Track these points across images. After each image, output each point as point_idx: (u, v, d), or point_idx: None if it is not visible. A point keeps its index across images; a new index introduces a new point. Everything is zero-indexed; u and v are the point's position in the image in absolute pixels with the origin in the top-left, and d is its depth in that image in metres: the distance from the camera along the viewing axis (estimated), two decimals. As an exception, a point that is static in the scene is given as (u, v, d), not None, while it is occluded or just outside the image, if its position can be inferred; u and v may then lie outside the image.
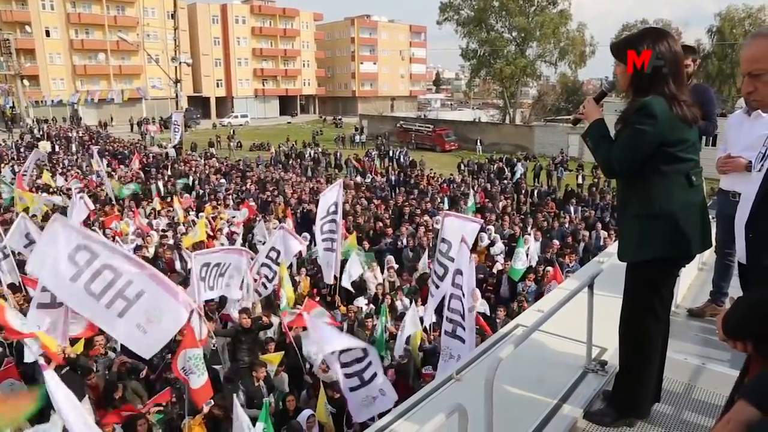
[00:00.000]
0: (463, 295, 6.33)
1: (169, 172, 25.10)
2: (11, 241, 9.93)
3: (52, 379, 4.88)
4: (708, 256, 5.16)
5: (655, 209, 2.62)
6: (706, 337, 4.00)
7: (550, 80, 66.28)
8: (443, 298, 7.02)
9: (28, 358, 6.88)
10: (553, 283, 9.14)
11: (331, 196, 9.90)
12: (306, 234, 12.51)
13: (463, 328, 6.28)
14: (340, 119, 63.21)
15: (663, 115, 2.49)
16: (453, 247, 7.16)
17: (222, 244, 12.53)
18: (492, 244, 12.82)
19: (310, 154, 34.29)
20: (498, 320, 8.32)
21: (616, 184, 2.97)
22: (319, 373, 7.45)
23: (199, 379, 6.21)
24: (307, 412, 6.48)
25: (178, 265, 11.57)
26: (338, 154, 33.55)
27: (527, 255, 11.32)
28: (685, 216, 2.62)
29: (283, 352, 7.81)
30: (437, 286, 7.55)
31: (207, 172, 25.16)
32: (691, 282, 5.13)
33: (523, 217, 16.14)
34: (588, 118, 2.75)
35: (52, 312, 6.78)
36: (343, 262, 10.52)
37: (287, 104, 74.83)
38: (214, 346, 7.94)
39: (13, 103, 48.74)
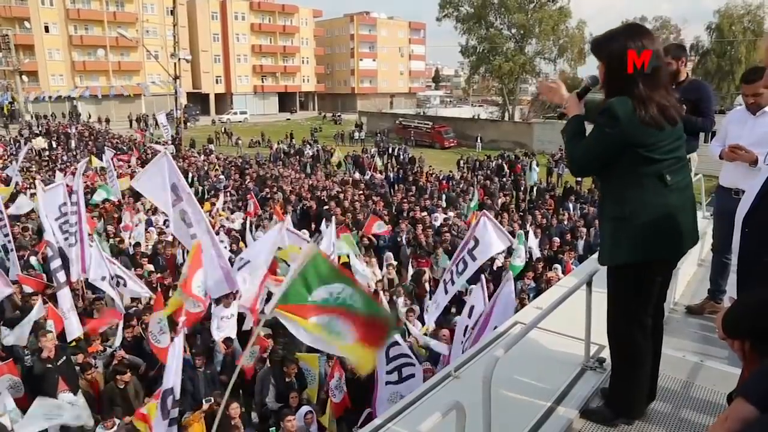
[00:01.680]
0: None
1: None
2: None
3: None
4: (706, 253, 5.16)
5: (625, 212, 2.55)
6: (705, 334, 4.00)
7: (550, 77, 66.30)
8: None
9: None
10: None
11: None
12: (305, 231, 12.51)
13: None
14: (339, 116, 63.14)
15: (626, 117, 2.42)
16: (480, 246, 7.20)
17: (221, 241, 12.54)
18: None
19: (309, 151, 34.26)
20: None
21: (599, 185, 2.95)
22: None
23: (166, 339, 7.01)
24: (305, 409, 6.48)
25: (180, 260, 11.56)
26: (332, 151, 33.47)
27: (526, 252, 11.34)
28: (657, 218, 2.53)
29: (318, 355, 7.79)
30: (453, 282, 7.45)
31: (206, 168, 25.13)
32: (690, 279, 5.13)
33: (521, 214, 16.14)
34: (568, 113, 2.72)
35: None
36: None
37: (286, 101, 74.72)
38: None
39: (12, 98, 48.64)
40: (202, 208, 15.84)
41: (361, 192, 19.27)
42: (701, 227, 3.21)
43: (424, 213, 15.31)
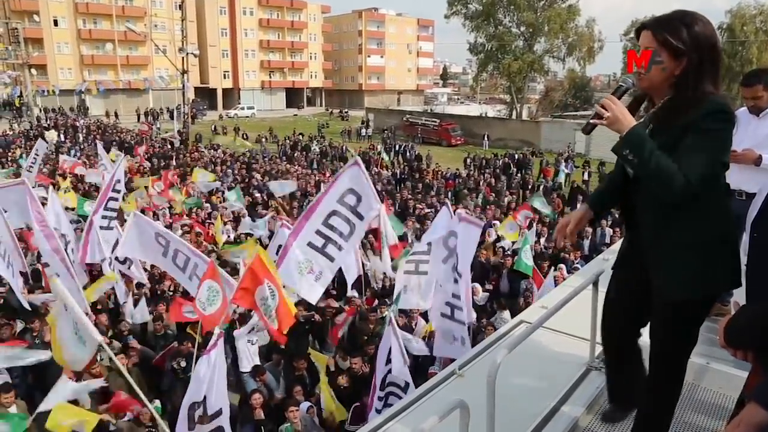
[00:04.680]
0: (460, 276, 6.36)
1: (175, 163, 25.17)
2: None
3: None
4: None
5: (719, 232, 2.21)
6: (711, 336, 3.96)
7: (558, 76, 66.08)
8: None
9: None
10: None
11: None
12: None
13: (461, 309, 6.31)
14: (346, 112, 63.13)
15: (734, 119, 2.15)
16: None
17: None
18: (498, 239, 12.79)
19: (316, 147, 34.28)
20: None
21: (640, 203, 2.35)
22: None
23: (212, 308, 6.81)
24: (306, 405, 6.52)
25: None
26: (344, 147, 33.52)
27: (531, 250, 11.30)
28: (737, 236, 2.26)
29: (327, 356, 7.81)
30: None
31: (215, 162, 25.20)
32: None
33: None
34: (617, 125, 2.11)
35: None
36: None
37: (294, 96, 74.74)
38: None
39: (20, 92, 48.85)
40: (209, 200, 16.26)
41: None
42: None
43: (430, 210, 15.29)
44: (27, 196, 7.96)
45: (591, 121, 2.20)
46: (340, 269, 8.75)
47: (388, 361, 5.90)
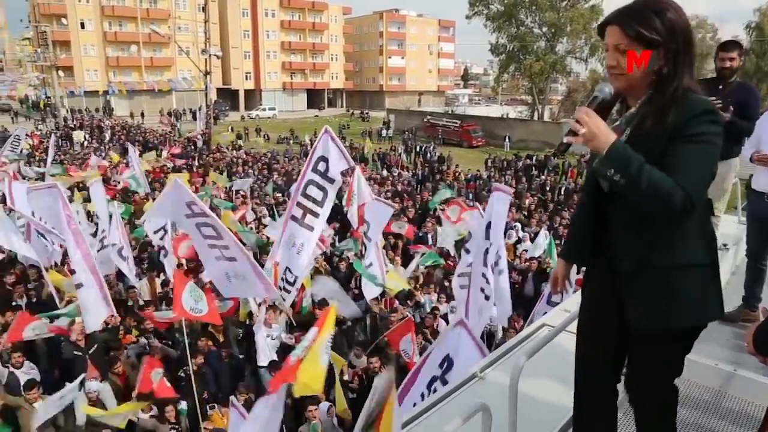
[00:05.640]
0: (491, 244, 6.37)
1: (197, 163, 25.42)
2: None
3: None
4: (741, 259, 5.03)
5: (709, 252, 2.01)
6: (738, 342, 3.90)
7: (581, 77, 65.42)
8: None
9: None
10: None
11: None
12: (330, 228, 12.54)
13: (488, 282, 6.33)
14: (367, 113, 63.24)
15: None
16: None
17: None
18: (519, 241, 12.71)
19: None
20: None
21: (618, 223, 2.08)
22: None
23: (205, 305, 6.95)
24: (326, 405, 6.55)
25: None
26: (363, 147, 33.56)
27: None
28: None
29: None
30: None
31: (237, 163, 25.40)
32: (724, 286, 5.01)
33: (549, 214, 15.97)
34: (594, 142, 1.85)
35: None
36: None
37: (315, 97, 75.13)
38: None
39: (48, 93, 49.88)
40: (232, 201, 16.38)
41: (387, 189, 19.27)
42: (737, 232, 3.13)
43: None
44: (59, 199, 7.98)
45: (565, 140, 1.92)
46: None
47: (446, 363, 5.74)
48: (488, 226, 6.43)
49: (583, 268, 2.40)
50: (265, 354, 7.72)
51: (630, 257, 2.03)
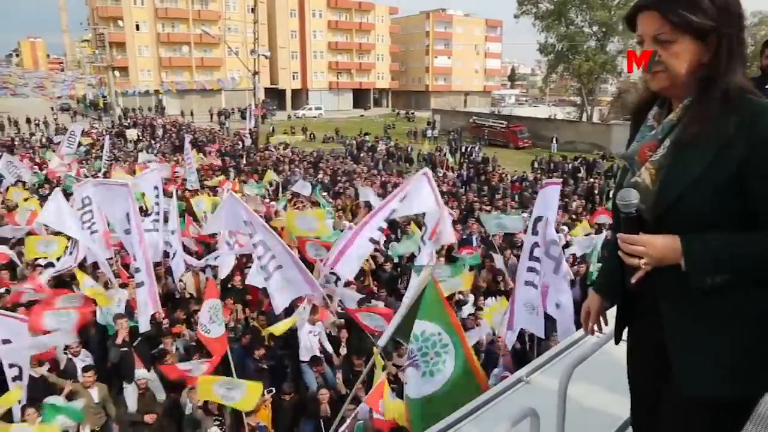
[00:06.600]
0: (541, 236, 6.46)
1: (245, 161, 25.93)
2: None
3: None
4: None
5: None
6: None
7: (631, 77, 63.74)
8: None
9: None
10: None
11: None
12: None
13: (538, 273, 6.42)
14: (412, 113, 63.21)
15: None
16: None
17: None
18: (567, 245, 12.49)
19: (382, 147, 34.53)
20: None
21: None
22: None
23: (219, 329, 6.77)
24: (366, 408, 6.54)
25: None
26: (409, 148, 33.61)
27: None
28: None
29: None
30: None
31: (284, 161, 25.81)
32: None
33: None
34: (665, 261, 1.53)
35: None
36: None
37: (360, 97, 75.59)
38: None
39: (105, 93, 51.83)
40: (280, 199, 16.67)
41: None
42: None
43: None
44: (128, 198, 8.21)
45: (633, 281, 1.60)
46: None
47: None
48: (537, 219, 6.40)
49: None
50: (308, 350, 7.81)
51: (679, 299, 1.61)
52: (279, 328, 7.61)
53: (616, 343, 2.03)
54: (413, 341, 4.42)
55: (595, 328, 2.07)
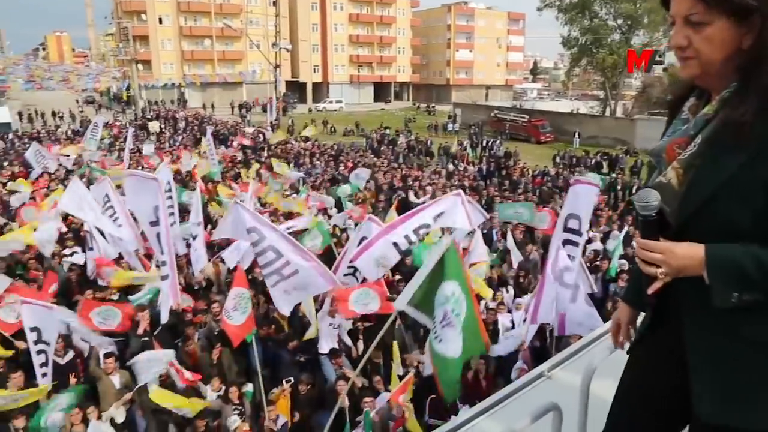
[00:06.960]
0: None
1: (266, 154, 26.04)
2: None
3: None
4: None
5: None
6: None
7: (656, 71, 62.73)
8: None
9: None
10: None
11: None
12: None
13: (571, 271, 6.54)
14: (433, 107, 62.94)
15: None
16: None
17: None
18: (589, 241, 12.36)
19: (402, 141, 34.45)
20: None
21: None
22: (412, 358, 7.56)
23: (241, 317, 6.86)
24: (386, 395, 6.56)
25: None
26: (429, 141, 33.47)
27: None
28: None
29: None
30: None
31: (304, 154, 25.87)
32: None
33: (619, 214, 15.46)
34: (685, 272, 1.37)
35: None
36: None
37: (381, 91, 75.47)
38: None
39: (128, 86, 52.48)
40: (300, 191, 16.73)
41: (453, 184, 19.15)
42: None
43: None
44: (158, 193, 8.29)
45: (650, 293, 1.45)
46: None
47: None
48: (568, 217, 6.39)
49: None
50: (327, 342, 7.84)
51: (700, 317, 1.45)
52: (312, 332, 7.81)
53: (628, 352, 1.89)
54: (445, 303, 4.51)
55: (626, 342, 1.89)
